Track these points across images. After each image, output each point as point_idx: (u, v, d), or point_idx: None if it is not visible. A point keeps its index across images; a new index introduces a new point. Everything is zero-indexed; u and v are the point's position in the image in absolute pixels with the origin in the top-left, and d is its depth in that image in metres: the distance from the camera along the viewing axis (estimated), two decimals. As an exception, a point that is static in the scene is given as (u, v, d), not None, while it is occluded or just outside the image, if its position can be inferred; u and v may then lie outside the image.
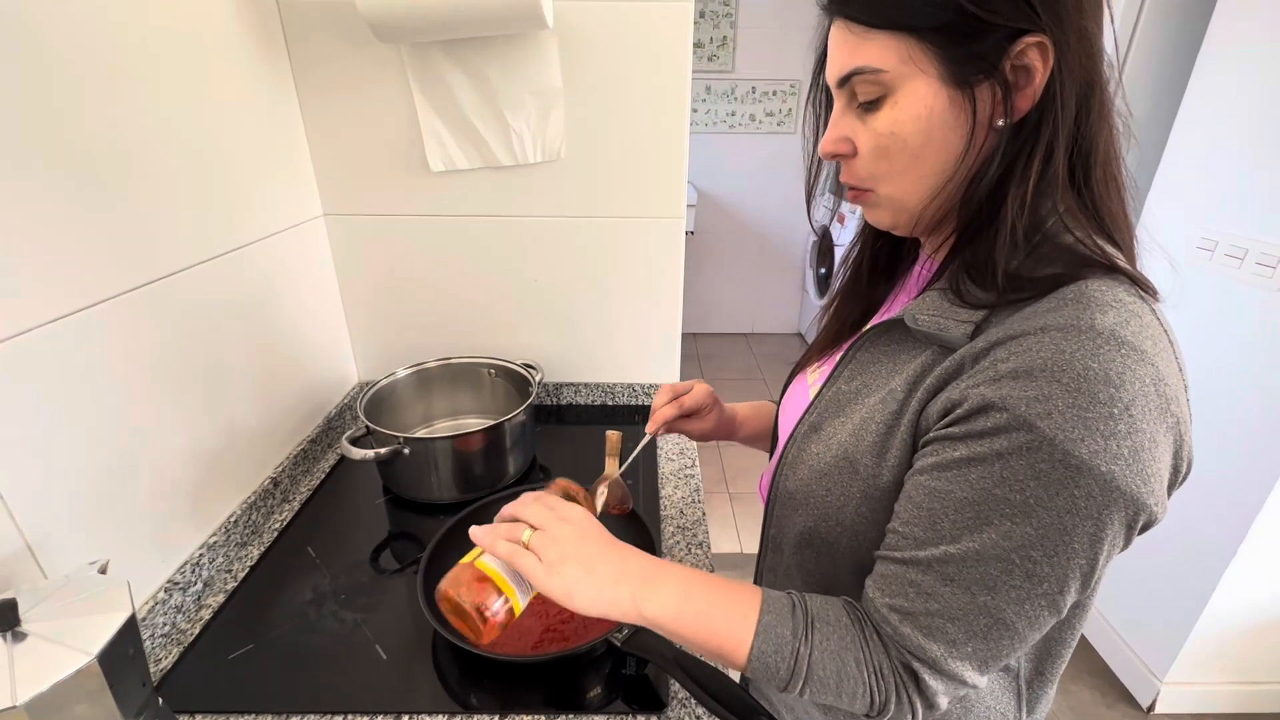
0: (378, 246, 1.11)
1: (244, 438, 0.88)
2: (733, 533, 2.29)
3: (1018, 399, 0.39)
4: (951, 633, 0.43)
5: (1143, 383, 0.38)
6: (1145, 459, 0.38)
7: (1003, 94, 0.42)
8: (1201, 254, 1.43)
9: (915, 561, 0.45)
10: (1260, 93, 1.31)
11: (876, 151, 0.47)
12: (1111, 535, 0.40)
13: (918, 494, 0.45)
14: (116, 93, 0.66)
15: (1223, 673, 1.55)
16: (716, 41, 3.22)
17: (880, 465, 0.48)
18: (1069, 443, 0.38)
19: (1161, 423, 0.39)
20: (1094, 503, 0.39)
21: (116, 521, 0.67)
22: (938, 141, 0.45)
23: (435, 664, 0.69)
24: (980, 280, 0.45)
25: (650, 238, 1.10)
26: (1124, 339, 0.38)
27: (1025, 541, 0.40)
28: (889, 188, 0.49)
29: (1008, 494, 0.40)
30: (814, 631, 0.47)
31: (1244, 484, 1.35)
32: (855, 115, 0.48)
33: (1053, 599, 0.42)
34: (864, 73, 0.45)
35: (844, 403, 0.54)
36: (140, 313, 0.69)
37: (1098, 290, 0.41)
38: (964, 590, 0.43)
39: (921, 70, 0.43)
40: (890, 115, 0.45)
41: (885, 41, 0.43)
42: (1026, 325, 0.41)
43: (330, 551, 0.86)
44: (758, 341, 3.84)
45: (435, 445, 0.93)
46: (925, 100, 0.44)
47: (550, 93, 0.99)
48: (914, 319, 0.48)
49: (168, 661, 0.69)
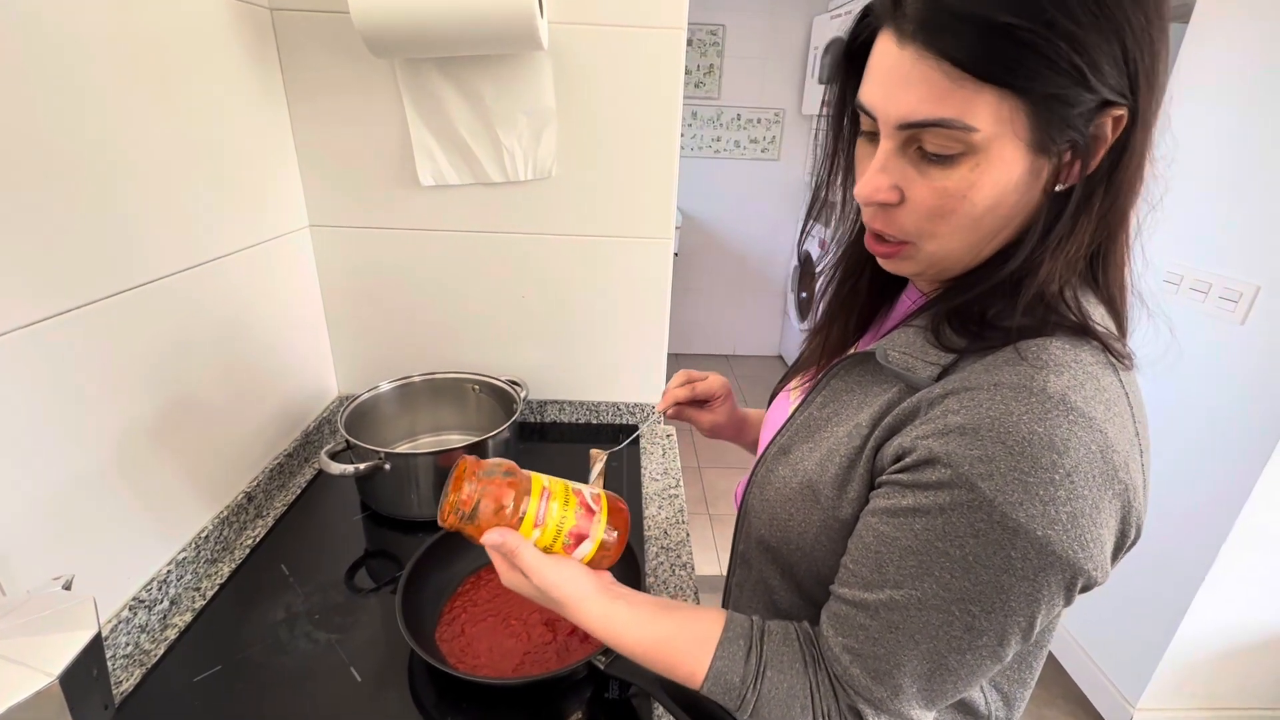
0: (364, 259, 1.10)
1: (217, 450, 0.85)
2: (713, 554, 2.28)
3: (962, 457, 0.39)
4: (898, 678, 0.44)
5: (1088, 449, 0.38)
6: (1084, 525, 0.39)
7: (1075, 161, 0.39)
8: (1168, 287, 1.48)
9: (864, 605, 0.45)
10: (1223, 133, 1.37)
11: (935, 211, 0.42)
12: (1049, 596, 0.40)
13: (867, 535, 0.46)
14: (98, 96, 0.65)
15: (1193, 698, 1.57)
16: (703, 69, 3.29)
17: (840, 498, 0.49)
18: (1007, 505, 0.38)
19: (1106, 490, 0.39)
20: (1030, 565, 0.39)
21: (81, 536, 0.65)
22: (1005, 206, 0.41)
23: (411, 687, 0.67)
24: (961, 326, 0.45)
25: (639, 258, 1.11)
26: (1073, 404, 0.38)
27: (964, 595, 0.41)
28: (935, 246, 0.44)
29: (948, 548, 0.41)
30: (763, 680, 0.47)
31: (1211, 511, 1.38)
32: (911, 162, 0.42)
33: (993, 650, 0.43)
34: (951, 127, 0.38)
35: (814, 429, 0.54)
36: (112, 321, 0.67)
37: (1058, 349, 0.41)
38: (908, 638, 0.43)
39: (1015, 134, 0.38)
40: (968, 177, 0.40)
41: (985, 96, 0.37)
42: (981, 379, 0.41)
43: (304, 569, 0.84)
44: (739, 363, 3.87)
45: (417, 461, 0.91)
46: (1009, 166, 0.39)
47: (543, 112, 1.00)
48: (885, 356, 0.48)
49: (130, 684, 0.66)
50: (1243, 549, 1.36)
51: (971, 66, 0.36)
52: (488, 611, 0.73)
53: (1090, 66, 0.36)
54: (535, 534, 0.52)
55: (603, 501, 0.56)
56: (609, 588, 0.53)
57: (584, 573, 0.53)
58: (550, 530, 0.52)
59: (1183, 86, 1.47)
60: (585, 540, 0.53)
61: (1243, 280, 1.32)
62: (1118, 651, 1.64)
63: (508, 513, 0.51)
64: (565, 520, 0.53)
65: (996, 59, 0.36)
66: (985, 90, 0.37)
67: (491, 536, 0.51)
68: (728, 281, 3.77)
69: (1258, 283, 1.29)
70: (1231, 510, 1.33)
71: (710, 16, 3.19)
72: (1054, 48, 0.35)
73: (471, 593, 0.76)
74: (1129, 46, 0.37)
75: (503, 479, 0.52)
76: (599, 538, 0.54)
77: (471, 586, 0.77)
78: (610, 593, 0.53)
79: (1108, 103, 0.38)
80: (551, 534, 0.52)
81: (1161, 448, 1.48)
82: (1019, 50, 0.35)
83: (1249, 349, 1.31)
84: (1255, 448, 1.29)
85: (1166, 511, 1.47)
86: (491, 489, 0.51)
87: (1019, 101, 0.37)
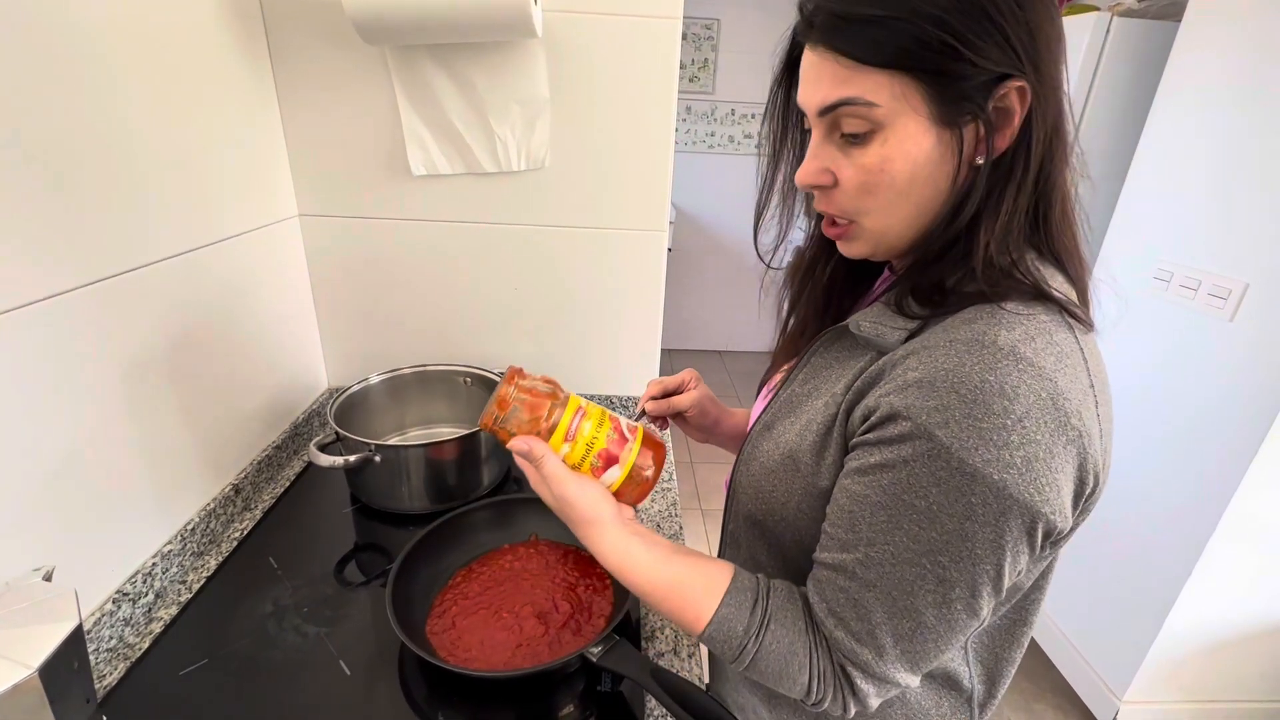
0: (354, 249, 1.09)
1: (205, 442, 0.84)
2: (705, 548, 2.28)
3: (920, 408, 0.42)
4: (880, 638, 0.46)
5: (1038, 396, 0.40)
6: (1039, 469, 0.40)
7: (985, 133, 0.44)
8: (1158, 284, 1.49)
9: (841, 568, 0.47)
10: (1213, 132, 1.38)
11: (862, 187, 0.47)
12: (1012, 542, 0.42)
13: (841, 497, 0.48)
14: (82, 80, 0.63)
15: (1180, 691, 1.59)
16: (698, 63, 3.28)
17: (819, 465, 0.51)
18: (964, 451, 0.40)
19: (1059, 435, 0.41)
20: (990, 510, 0.41)
21: (64, 526, 0.63)
22: (924, 179, 0.46)
23: (402, 680, 0.67)
24: (921, 296, 0.47)
25: (632, 250, 1.10)
26: (1022, 355, 0.41)
27: (932, 546, 0.43)
28: (872, 222, 0.49)
29: (914, 500, 0.43)
30: (766, 632, 0.49)
31: (1198, 506, 1.39)
32: (837, 146, 0.48)
33: (967, 602, 0.44)
34: (855, 104, 0.44)
35: (796, 404, 0.56)
36: (96, 308, 0.66)
37: (1012, 308, 0.44)
38: (885, 596, 0.45)
39: (913, 109, 0.44)
40: (880, 152, 0.45)
41: (877, 78, 0.43)
42: (939, 338, 0.44)
43: (293, 562, 0.83)
44: (732, 359, 3.87)
45: (407, 454, 0.90)
46: (915, 139, 0.44)
47: (537, 101, 0.99)
48: (857, 326, 0.51)
49: (113, 678, 0.65)
50: (1229, 543, 1.37)
51: (859, 54, 0.43)
52: (479, 604, 0.73)
53: (962, 43, 0.41)
54: (565, 449, 0.54)
55: (639, 433, 0.58)
56: (628, 521, 0.55)
57: (606, 497, 0.55)
58: (580, 447, 0.54)
59: (1173, 86, 1.48)
60: (614, 465, 0.55)
61: (1232, 277, 1.33)
62: (1105, 645, 1.66)
63: (541, 422, 0.54)
64: (596, 440, 0.55)
65: (877, 45, 0.42)
66: (877, 72, 0.43)
67: (517, 444, 0.54)
68: (722, 277, 3.76)
69: (1246, 280, 1.30)
70: (1218, 505, 1.35)
71: (705, 11, 3.17)
72: (920, 29, 0.41)
73: (462, 585, 0.75)
74: (1001, 24, 0.41)
75: (542, 390, 0.55)
76: (629, 464, 0.55)
77: (462, 579, 0.76)
78: (629, 526, 0.54)
79: (1003, 77, 0.42)
80: (581, 451, 0.54)
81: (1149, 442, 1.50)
82: (892, 35, 0.42)
83: (1237, 345, 1.32)
84: (1242, 443, 1.30)
85: (1154, 506, 1.48)
86: (528, 398, 0.54)
87: (907, 79, 0.43)
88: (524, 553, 0.80)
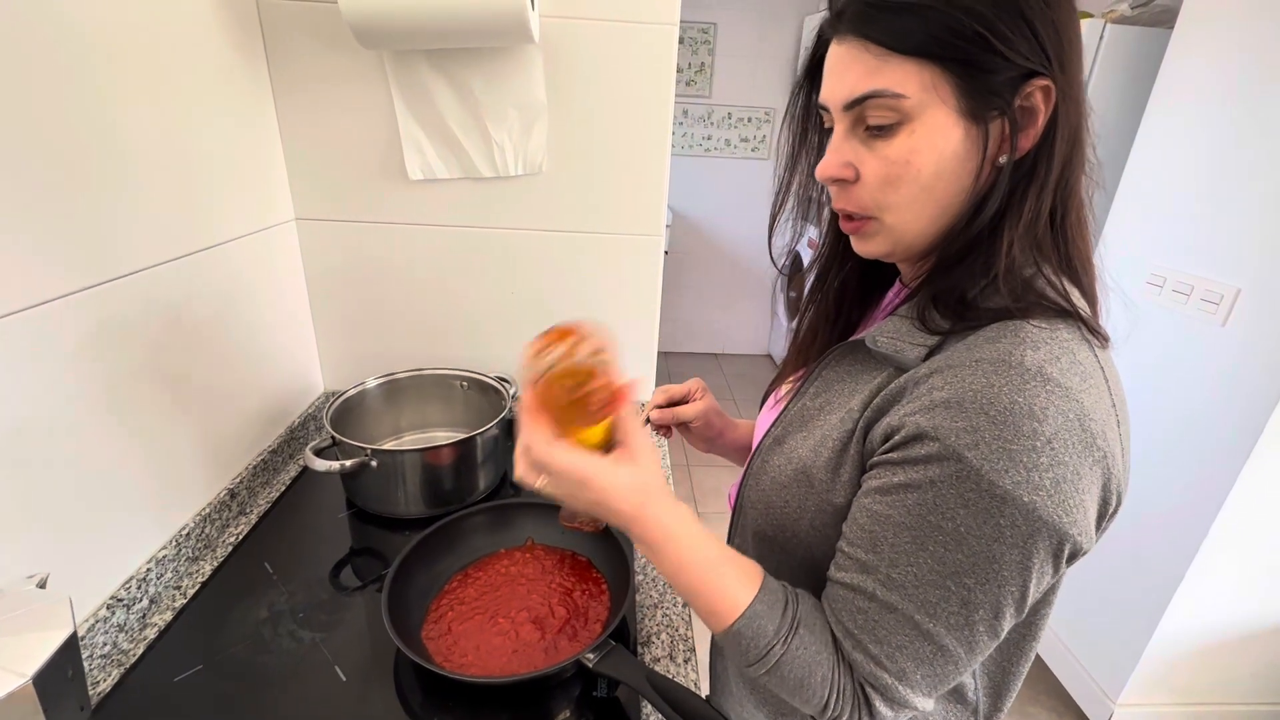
0: (350, 253, 1.09)
1: (199, 446, 0.84)
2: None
3: (948, 429, 0.41)
4: (900, 661, 0.45)
5: (1066, 418, 0.40)
6: (1068, 490, 0.40)
7: (1010, 131, 0.43)
8: (1151, 289, 1.50)
9: (860, 588, 0.46)
10: (1206, 138, 1.39)
11: (886, 180, 0.46)
12: (1039, 563, 0.42)
13: (861, 516, 0.47)
14: (78, 85, 0.63)
15: (1173, 693, 1.60)
16: (695, 67, 3.28)
17: (834, 482, 0.50)
18: (994, 473, 0.40)
19: (1086, 456, 0.40)
20: (1019, 532, 0.40)
21: (57, 532, 0.63)
22: (948, 174, 0.45)
23: (397, 686, 0.66)
24: (944, 308, 0.47)
25: (629, 254, 1.11)
26: (1049, 375, 0.40)
27: (958, 568, 0.42)
28: (893, 217, 0.48)
29: (940, 521, 0.42)
30: (795, 636, 0.47)
31: (1191, 510, 1.40)
32: (860, 140, 0.47)
33: (990, 624, 0.43)
34: (883, 96, 0.43)
35: (807, 418, 0.55)
36: (90, 313, 0.66)
37: (1035, 327, 0.43)
38: (906, 620, 0.44)
39: (942, 100, 0.43)
40: (906, 144, 0.44)
41: (907, 67, 0.43)
42: (963, 356, 0.43)
43: (288, 567, 0.82)
44: (728, 362, 3.87)
45: (404, 458, 0.90)
46: (944, 131, 0.43)
47: (534, 106, 0.99)
48: (874, 341, 0.50)
49: (107, 684, 0.65)
50: (1222, 547, 1.38)
51: (890, 43, 0.43)
52: (475, 610, 0.73)
53: (994, 34, 0.41)
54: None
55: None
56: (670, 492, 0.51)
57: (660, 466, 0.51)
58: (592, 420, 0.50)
59: (1166, 92, 1.49)
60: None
61: (1224, 283, 1.34)
62: (1099, 648, 1.66)
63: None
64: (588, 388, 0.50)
65: (909, 33, 0.42)
66: (907, 62, 0.42)
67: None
68: (718, 280, 3.76)
69: (1239, 285, 1.31)
70: (1211, 509, 1.35)
71: (702, 15, 3.18)
72: (952, 18, 0.41)
73: (458, 591, 0.75)
74: (1031, 20, 0.41)
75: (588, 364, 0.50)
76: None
77: (458, 584, 0.76)
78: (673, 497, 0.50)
79: (1031, 74, 0.42)
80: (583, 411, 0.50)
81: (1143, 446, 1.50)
82: (925, 24, 0.41)
83: (1229, 350, 1.33)
84: (1235, 447, 1.31)
85: (1148, 510, 1.49)
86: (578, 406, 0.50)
87: (938, 68, 0.42)
88: (520, 558, 0.80)
